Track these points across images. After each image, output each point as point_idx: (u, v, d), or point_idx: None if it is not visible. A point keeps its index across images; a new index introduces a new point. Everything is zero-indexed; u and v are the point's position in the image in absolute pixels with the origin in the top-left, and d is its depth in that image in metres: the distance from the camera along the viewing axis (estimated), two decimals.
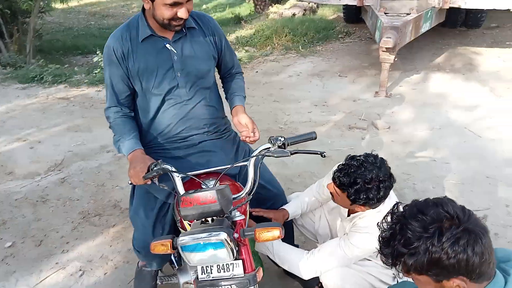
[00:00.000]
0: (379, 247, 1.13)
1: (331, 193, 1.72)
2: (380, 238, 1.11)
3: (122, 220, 2.82)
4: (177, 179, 1.50)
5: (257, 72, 6.20)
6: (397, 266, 1.08)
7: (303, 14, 9.66)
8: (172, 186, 1.50)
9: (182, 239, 1.28)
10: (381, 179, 1.57)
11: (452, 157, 3.41)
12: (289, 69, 6.23)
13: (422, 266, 1.01)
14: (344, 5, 7.62)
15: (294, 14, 9.47)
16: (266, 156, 1.55)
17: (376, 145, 3.74)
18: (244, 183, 1.58)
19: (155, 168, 1.47)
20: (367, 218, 1.69)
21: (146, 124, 1.77)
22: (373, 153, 1.66)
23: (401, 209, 1.11)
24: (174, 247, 1.34)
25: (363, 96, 4.87)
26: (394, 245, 1.05)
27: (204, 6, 15.81)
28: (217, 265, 1.36)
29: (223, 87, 1.94)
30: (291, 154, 1.54)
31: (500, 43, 6.38)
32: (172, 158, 1.76)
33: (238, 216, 1.50)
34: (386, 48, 4.37)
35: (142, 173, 1.47)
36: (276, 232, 1.36)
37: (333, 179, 1.65)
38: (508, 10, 7.42)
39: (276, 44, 7.39)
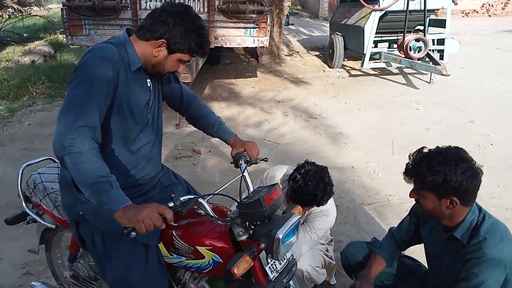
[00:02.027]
0: (404, 170, 1.64)
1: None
2: (409, 163, 1.63)
3: None
4: (205, 204, 1.48)
5: (29, 124, 5.41)
6: (416, 183, 1.59)
7: (44, 60, 8.88)
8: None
9: (282, 231, 1.37)
10: (326, 181, 2.01)
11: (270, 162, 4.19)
12: None
13: (435, 184, 1.52)
14: None
15: (34, 61, 8.57)
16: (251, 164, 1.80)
17: (208, 166, 4.12)
18: None
19: (185, 198, 1.41)
20: None
21: (123, 157, 1.58)
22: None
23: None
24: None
25: (168, 130, 5.13)
26: (420, 168, 1.54)
27: None
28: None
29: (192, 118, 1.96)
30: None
31: (242, 75, 7.93)
32: (142, 199, 1.67)
33: None
34: (185, 83, 4.82)
35: (164, 209, 1.35)
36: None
37: None
38: (233, 49, 9.24)
39: (34, 93, 6.58)
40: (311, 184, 1.93)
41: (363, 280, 1.84)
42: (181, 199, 1.42)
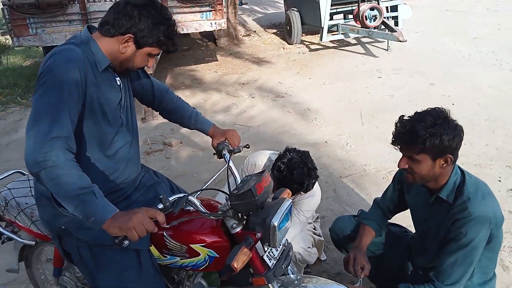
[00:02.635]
0: (394, 139, 1.62)
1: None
2: (399, 131, 1.60)
3: None
4: (196, 200, 1.44)
5: None
6: (410, 149, 1.58)
7: None
8: None
9: (276, 218, 1.35)
10: (310, 167, 2.01)
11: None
12: (23, 122, 5.43)
13: (433, 145, 1.53)
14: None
15: None
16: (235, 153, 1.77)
17: (182, 158, 4.05)
18: None
19: (174, 198, 1.36)
20: None
21: (101, 163, 1.50)
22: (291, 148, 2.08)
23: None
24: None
25: None
26: (416, 131, 1.53)
27: None
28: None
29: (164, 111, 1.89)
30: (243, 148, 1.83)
31: (202, 60, 7.76)
32: (125, 202, 1.61)
33: None
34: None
35: (155, 212, 1.29)
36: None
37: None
38: (189, 34, 9.02)
39: None
40: (296, 172, 1.93)
41: (356, 250, 1.87)
42: (170, 199, 1.38)
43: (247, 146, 1.85)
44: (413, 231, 2.13)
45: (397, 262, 2.00)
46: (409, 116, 1.67)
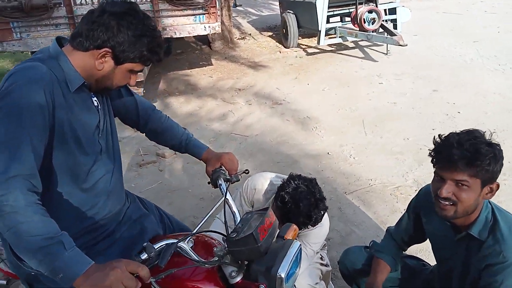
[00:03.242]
0: (444, 157, 1.39)
1: None
2: (455, 148, 1.35)
3: None
4: (187, 247, 1.21)
5: None
6: (466, 171, 1.34)
7: None
8: None
9: (283, 267, 1.14)
10: (318, 197, 1.79)
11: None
12: None
13: (491, 168, 1.33)
14: None
15: None
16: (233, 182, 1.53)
17: (176, 171, 3.81)
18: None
19: (161, 245, 1.14)
20: None
21: (76, 198, 1.27)
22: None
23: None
24: None
25: (126, 134, 4.72)
26: (480, 150, 1.32)
27: None
28: None
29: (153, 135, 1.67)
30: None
31: (196, 64, 7.53)
32: (108, 241, 1.39)
33: None
34: (138, 81, 4.42)
35: (137, 267, 1.07)
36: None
37: None
38: (182, 37, 8.78)
39: None
40: (303, 204, 1.71)
41: None
42: (155, 247, 1.15)
43: (246, 171, 1.62)
44: (431, 262, 1.92)
45: None
46: (450, 133, 1.45)
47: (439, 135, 1.46)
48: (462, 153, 1.33)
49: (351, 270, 1.86)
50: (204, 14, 5.16)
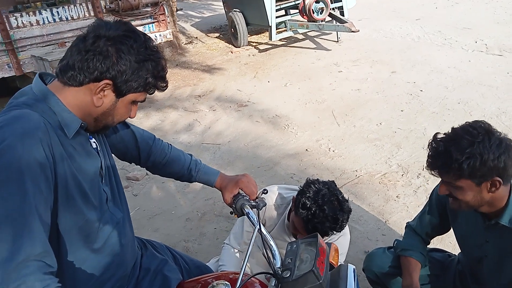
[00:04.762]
0: (428, 164, 1.37)
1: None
2: (431, 155, 1.36)
3: None
4: None
5: None
6: (448, 175, 1.33)
7: None
8: None
9: None
10: (340, 199, 1.68)
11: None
12: None
13: (473, 168, 1.27)
14: None
15: None
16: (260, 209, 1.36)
17: (153, 193, 3.57)
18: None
19: None
20: None
21: (89, 263, 1.08)
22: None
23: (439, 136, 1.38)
24: None
25: None
26: (450, 155, 1.28)
27: None
28: None
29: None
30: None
31: None
32: None
33: None
34: None
35: None
36: None
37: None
38: None
39: None
40: (328, 207, 1.59)
41: None
42: None
43: (265, 191, 1.48)
44: (452, 251, 1.89)
45: None
46: (444, 134, 1.40)
47: (435, 134, 1.41)
48: (431, 157, 1.39)
49: (379, 275, 1.78)
50: (154, 22, 4.94)
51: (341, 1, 7.33)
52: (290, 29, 7.14)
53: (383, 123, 4.04)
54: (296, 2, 7.13)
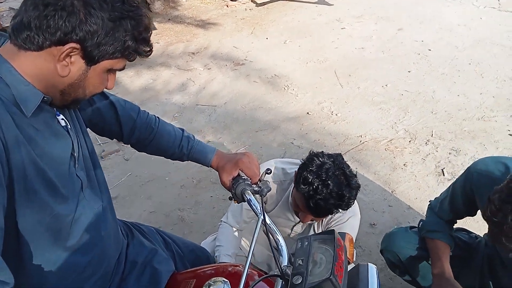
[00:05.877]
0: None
1: None
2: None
3: None
4: None
5: None
6: None
7: None
8: None
9: None
10: (347, 173, 1.52)
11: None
12: None
13: None
14: None
15: None
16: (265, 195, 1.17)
17: (145, 157, 3.39)
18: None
19: None
20: None
21: (58, 261, 0.90)
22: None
23: None
24: None
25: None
26: None
27: None
28: None
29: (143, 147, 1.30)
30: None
31: None
32: None
33: None
34: None
35: None
36: None
37: None
38: None
39: None
40: (332, 182, 1.40)
41: (445, 283, 1.42)
42: None
43: (268, 171, 1.28)
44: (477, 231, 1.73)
45: (476, 280, 1.58)
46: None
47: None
48: None
49: (402, 258, 1.60)
50: None
51: None
52: None
53: (389, 84, 3.81)
54: None
